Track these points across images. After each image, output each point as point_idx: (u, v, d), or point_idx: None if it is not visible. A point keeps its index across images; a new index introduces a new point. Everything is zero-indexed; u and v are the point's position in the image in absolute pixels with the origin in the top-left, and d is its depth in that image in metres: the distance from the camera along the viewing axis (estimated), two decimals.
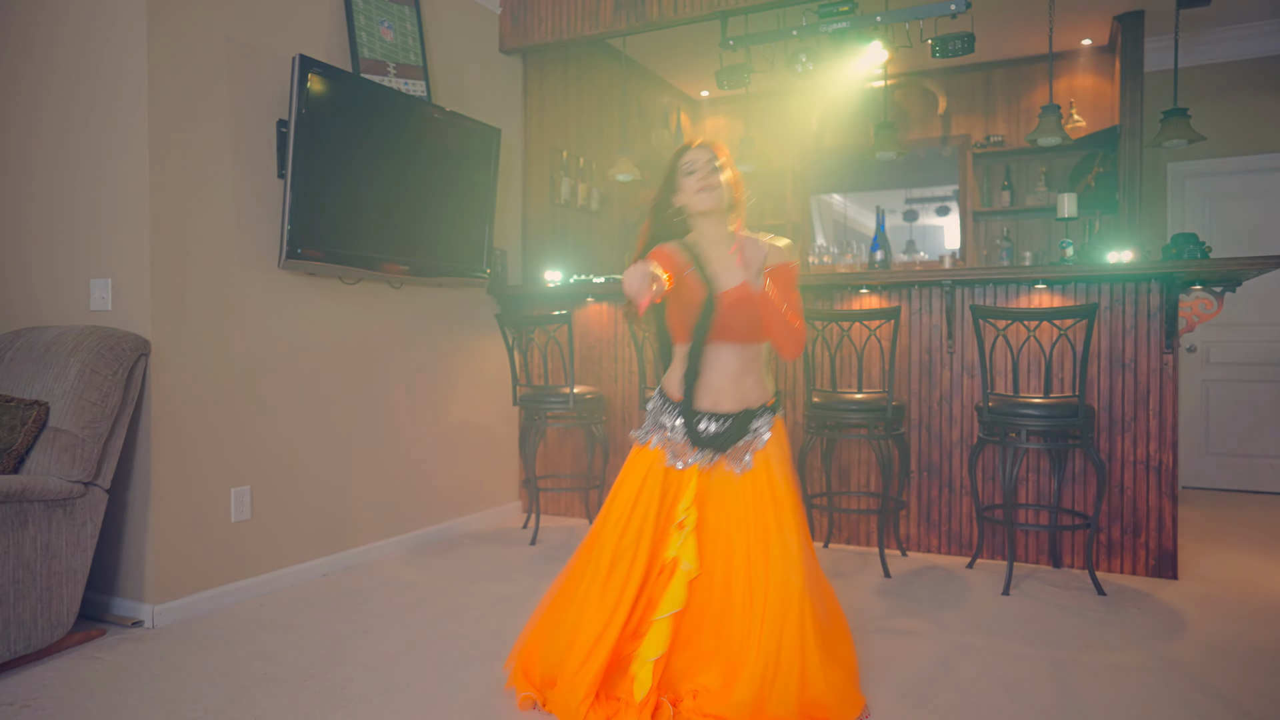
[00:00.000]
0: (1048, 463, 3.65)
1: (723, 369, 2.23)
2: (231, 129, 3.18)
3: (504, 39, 4.70)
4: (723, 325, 2.20)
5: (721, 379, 2.23)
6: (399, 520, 3.96)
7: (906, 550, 3.88)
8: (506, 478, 4.71)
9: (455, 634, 2.83)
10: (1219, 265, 3.22)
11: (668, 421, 2.26)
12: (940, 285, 3.77)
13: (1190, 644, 2.74)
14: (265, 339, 3.32)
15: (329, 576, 3.52)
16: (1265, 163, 5.35)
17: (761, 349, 2.28)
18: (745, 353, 2.23)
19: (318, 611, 3.07)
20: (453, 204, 4.09)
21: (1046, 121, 4.17)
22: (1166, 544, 3.47)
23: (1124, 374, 3.53)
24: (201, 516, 3.06)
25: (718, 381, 2.23)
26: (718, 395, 2.23)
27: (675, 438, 2.24)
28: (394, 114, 3.69)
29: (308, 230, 3.31)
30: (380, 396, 3.86)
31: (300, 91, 3.23)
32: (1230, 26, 5.33)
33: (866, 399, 3.50)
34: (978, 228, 6.13)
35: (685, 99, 6.89)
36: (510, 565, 3.70)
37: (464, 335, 4.40)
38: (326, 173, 3.38)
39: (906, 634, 2.82)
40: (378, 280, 3.83)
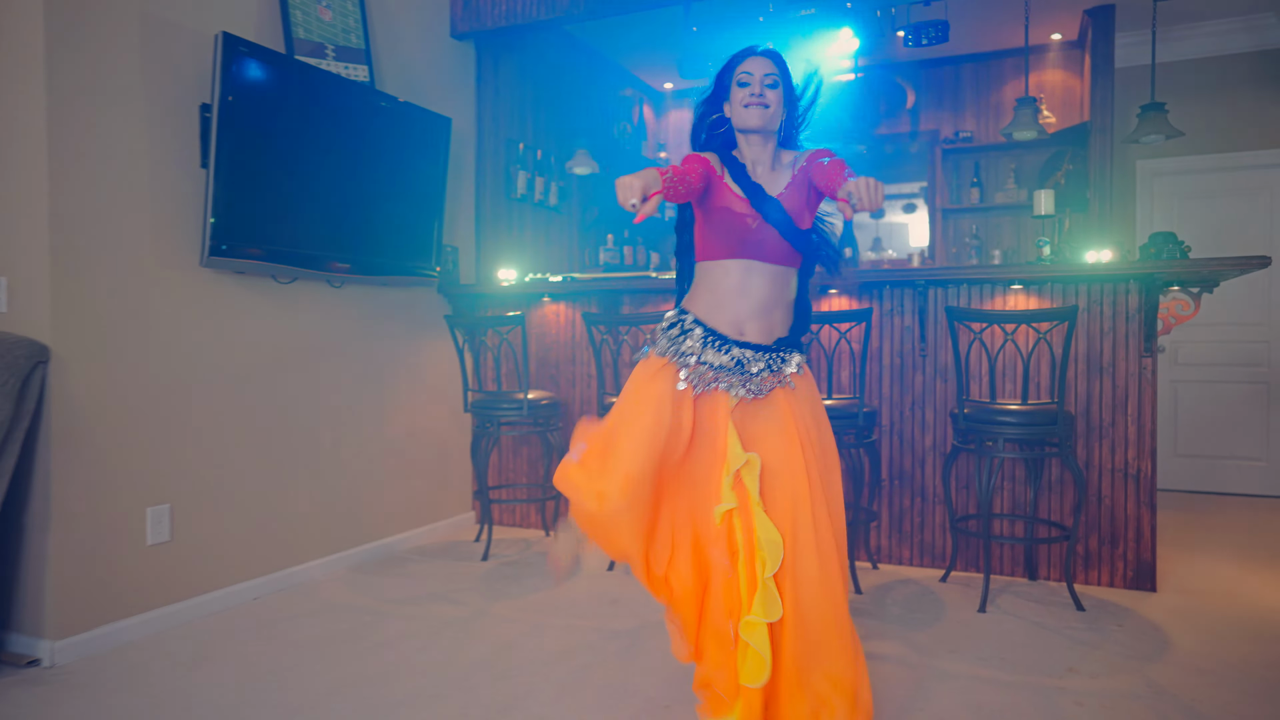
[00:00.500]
0: (1023, 471, 3.50)
1: (755, 293, 1.98)
2: (147, 114, 2.90)
3: (455, 23, 4.44)
4: (760, 243, 1.96)
5: (752, 304, 1.98)
6: (340, 537, 3.70)
7: (878, 563, 3.71)
8: (458, 488, 4.46)
9: (395, 667, 2.59)
10: (1200, 266, 3.09)
11: (695, 346, 1.97)
12: (913, 285, 3.60)
13: (1176, 666, 2.59)
14: (187, 343, 3.04)
15: (260, 600, 3.26)
16: (1233, 161, 5.28)
17: (793, 278, 2.05)
18: (780, 279, 2.00)
19: (243, 642, 2.81)
20: (399, 197, 3.83)
21: (1022, 114, 4.02)
22: (1145, 555, 3.34)
23: (1102, 378, 3.39)
24: (112, 540, 2.78)
25: (748, 306, 1.98)
26: (745, 323, 1.99)
27: (708, 363, 1.96)
28: (333, 100, 3.43)
29: (234, 225, 3.04)
30: (320, 404, 3.60)
31: (224, 73, 2.95)
32: (1200, 23, 5.24)
33: (836, 405, 3.32)
34: (947, 225, 6.00)
35: (649, 91, 6.67)
36: (459, 584, 3.46)
37: (412, 337, 4.14)
38: (256, 163, 3.11)
39: (880, 659, 2.64)
40: (316, 279, 3.56)
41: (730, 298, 1.98)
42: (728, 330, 1.98)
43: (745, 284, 1.97)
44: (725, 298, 1.99)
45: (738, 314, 1.98)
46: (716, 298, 2.00)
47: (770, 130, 2.01)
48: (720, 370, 1.95)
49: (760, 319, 1.99)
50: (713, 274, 2.01)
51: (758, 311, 1.98)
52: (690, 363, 1.96)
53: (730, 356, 1.95)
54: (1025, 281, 3.45)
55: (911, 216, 6.25)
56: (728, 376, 1.95)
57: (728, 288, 1.98)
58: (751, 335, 1.98)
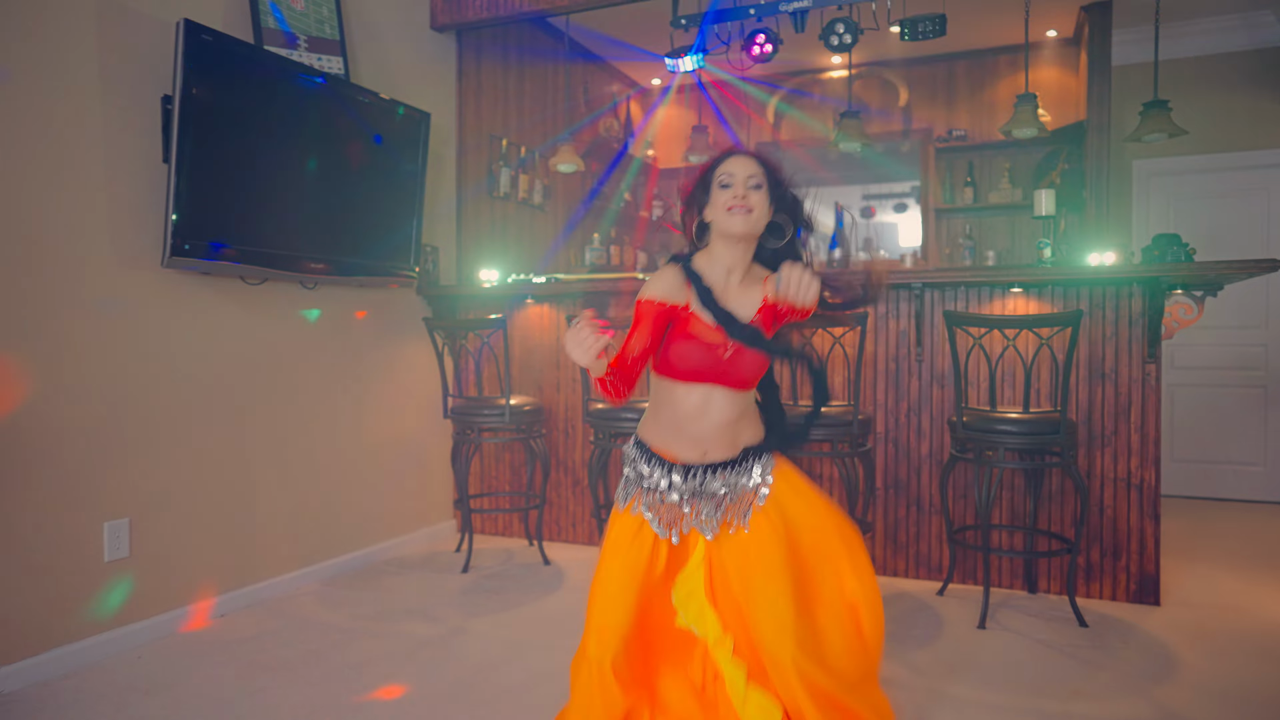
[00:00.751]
0: (1022, 480, 3.39)
1: (713, 418, 1.79)
2: (104, 105, 2.74)
3: (435, 14, 4.29)
4: (730, 370, 1.77)
5: (710, 429, 1.79)
6: (313, 549, 3.55)
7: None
8: (438, 497, 4.30)
9: (365, 692, 2.44)
10: (1207, 269, 2.98)
11: (649, 475, 1.82)
12: (909, 288, 3.48)
13: (1185, 687, 2.48)
14: (148, 348, 2.88)
15: (227, 617, 3.10)
16: (1231, 161, 5.19)
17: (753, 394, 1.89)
18: (741, 400, 1.82)
19: (205, 665, 2.65)
20: (376, 195, 3.67)
21: (1022, 111, 3.91)
22: (1148, 567, 3.23)
23: (1104, 385, 3.28)
24: (65, 557, 2.62)
25: (708, 432, 1.79)
26: (706, 444, 1.80)
27: (662, 499, 1.79)
28: (305, 93, 3.27)
29: (198, 223, 2.88)
30: (291, 411, 3.44)
31: (186, 63, 2.79)
32: (1197, 20, 5.15)
33: (829, 411, 3.19)
34: (940, 225, 5.89)
35: (636, 87, 6.53)
36: (437, 598, 3.32)
37: (389, 341, 3.99)
38: (222, 157, 2.95)
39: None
40: (288, 280, 3.40)
41: (690, 423, 1.79)
42: (690, 454, 1.79)
43: (707, 406, 1.78)
44: (684, 422, 1.79)
45: (698, 436, 1.79)
46: (675, 419, 1.80)
47: (754, 235, 1.81)
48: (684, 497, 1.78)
49: (723, 437, 1.79)
50: (674, 394, 1.81)
51: (720, 431, 1.79)
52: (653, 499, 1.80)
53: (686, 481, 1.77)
54: (1025, 285, 3.33)
55: (902, 216, 6.13)
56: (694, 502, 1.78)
57: (687, 410, 1.79)
58: (714, 455, 1.80)
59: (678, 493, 1.77)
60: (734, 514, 1.77)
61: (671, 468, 1.78)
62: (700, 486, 1.76)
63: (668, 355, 1.78)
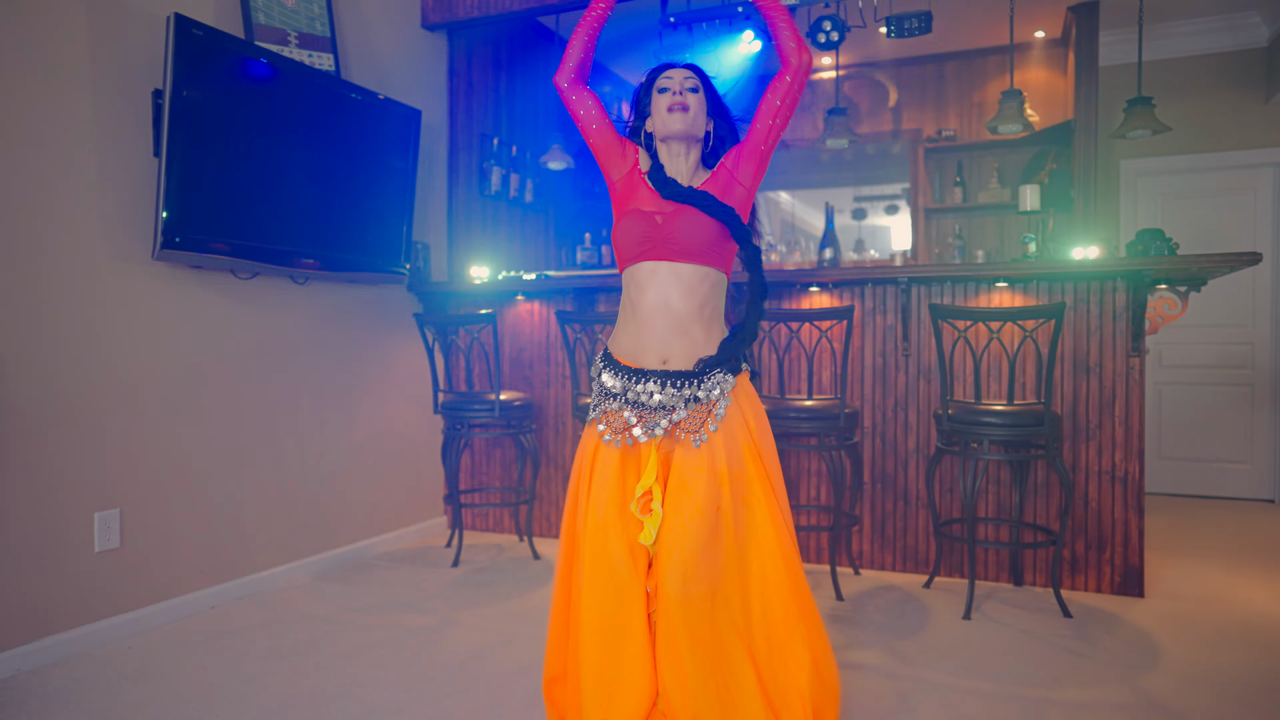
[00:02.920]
0: (1008, 474, 3.41)
1: (668, 308, 1.76)
2: (95, 99, 2.76)
3: (426, 12, 4.31)
4: (667, 237, 1.74)
5: (668, 324, 1.75)
6: (304, 543, 3.56)
7: (859, 568, 3.61)
8: (428, 492, 4.32)
9: (352, 682, 2.45)
10: (1188, 263, 3.01)
11: (609, 382, 1.81)
12: (896, 283, 3.51)
13: (1167, 675, 2.50)
14: (139, 340, 2.90)
15: (218, 609, 3.11)
16: (1217, 161, 5.23)
17: (719, 284, 1.82)
18: (698, 286, 1.76)
19: (195, 654, 2.66)
20: (366, 192, 3.69)
21: (1007, 108, 3.94)
22: (1133, 559, 3.26)
23: (1088, 378, 3.31)
24: (56, 546, 2.63)
25: (664, 328, 1.75)
26: (666, 347, 1.76)
27: (613, 405, 1.79)
28: (295, 89, 3.29)
29: (189, 217, 2.90)
30: (282, 405, 3.45)
31: (176, 57, 2.81)
32: (1183, 21, 5.20)
33: (817, 406, 3.22)
34: (929, 225, 5.92)
35: (627, 88, 6.55)
36: (427, 591, 3.33)
37: (380, 336, 4.00)
38: (212, 152, 2.97)
39: (863, 669, 2.54)
40: (278, 275, 3.42)
41: (648, 319, 1.77)
42: (650, 361, 1.78)
43: (661, 298, 1.76)
44: (643, 319, 1.78)
45: (657, 335, 1.77)
46: (635, 320, 1.80)
47: (695, 137, 1.85)
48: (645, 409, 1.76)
49: (681, 337, 1.77)
50: (628, 290, 1.83)
51: (677, 327, 1.76)
52: (610, 407, 1.80)
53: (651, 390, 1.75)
54: (1010, 279, 3.36)
55: (894, 218, 6.17)
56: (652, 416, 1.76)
57: (644, 307, 1.78)
58: (675, 362, 1.77)
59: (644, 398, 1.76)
60: (694, 425, 1.76)
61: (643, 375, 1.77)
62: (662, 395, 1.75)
63: (617, 239, 1.83)
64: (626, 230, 1.80)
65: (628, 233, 1.79)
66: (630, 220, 1.80)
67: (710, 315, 1.81)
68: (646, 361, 1.78)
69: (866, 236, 6.26)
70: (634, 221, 1.79)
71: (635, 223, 1.79)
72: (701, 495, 1.72)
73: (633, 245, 1.78)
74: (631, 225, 1.79)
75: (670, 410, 1.75)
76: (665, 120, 1.83)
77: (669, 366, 1.77)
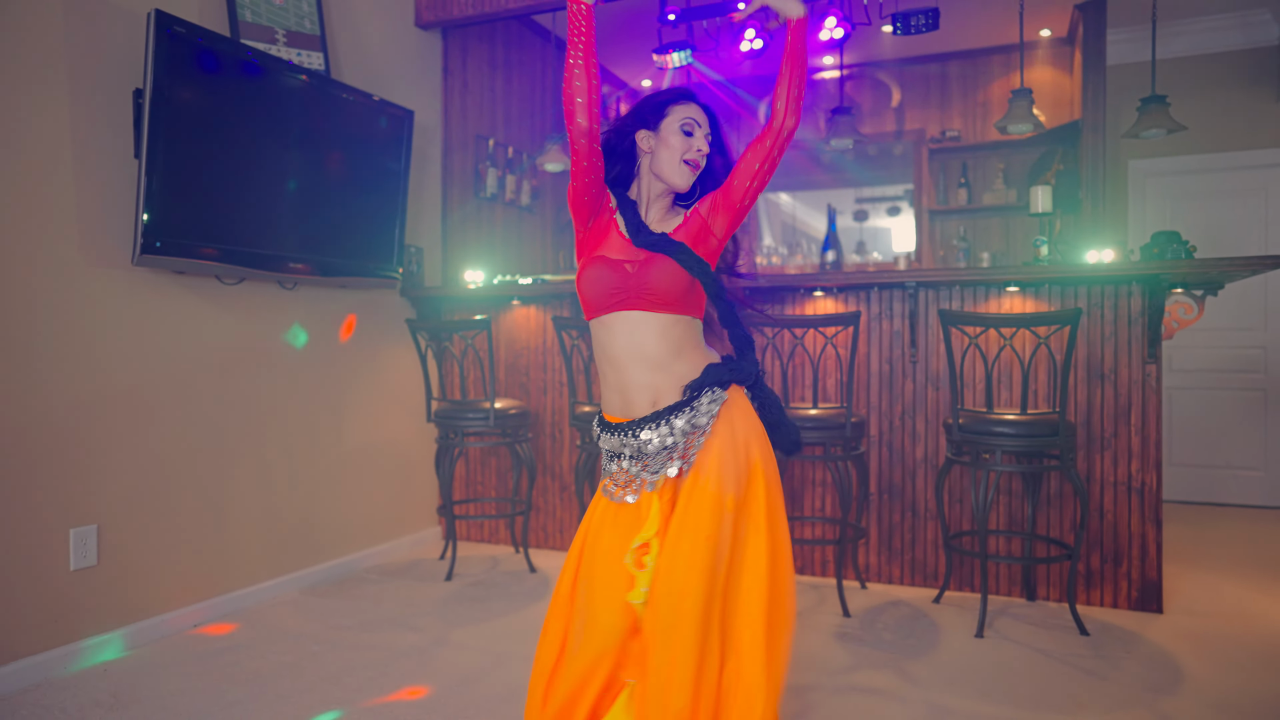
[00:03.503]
0: (1020, 484, 3.30)
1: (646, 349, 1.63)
2: (72, 98, 2.65)
3: (420, 12, 4.21)
4: (636, 284, 1.62)
5: (649, 363, 1.63)
6: (291, 557, 3.44)
7: (866, 582, 3.50)
8: (422, 502, 4.20)
9: (340, 705, 2.34)
10: (1207, 266, 2.91)
11: (607, 445, 1.70)
12: (903, 287, 3.40)
13: (1191, 699, 2.39)
14: (118, 348, 2.78)
15: (200, 628, 2.99)
16: (1227, 161, 5.12)
17: (693, 326, 1.69)
18: (668, 331, 1.64)
19: (173, 678, 2.55)
20: (357, 194, 3.58)
21: (1017, 107, 3.83)
22: (1150, 573, 3.14)
23: (1103, 386, 3.20)
24: (26, 565, 2.51)
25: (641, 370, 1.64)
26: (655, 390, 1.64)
27: (618, 465, 1.67)
28: (283, 88, 3.18)
29: (170, 221, 2.79)
30: (269, 414, 3.34)
31: (157, 55, 2.70)
32: (1192, 19, 5.09)
33: (822, 414, 3.11)
34: (933, 227, 5.82)
35: (625, 88, 6.45)
36: (419, 607, 3.22)
37: (371, 343, 3.89)
38: (195, 153, 2.86)
39: (871, 693, 2.42)
40: (266, 280, 3.31)
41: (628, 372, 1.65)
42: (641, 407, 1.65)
43: (634, 340, 1.64)
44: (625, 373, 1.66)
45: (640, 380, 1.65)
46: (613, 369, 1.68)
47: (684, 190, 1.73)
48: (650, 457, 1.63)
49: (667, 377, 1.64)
50: (599, 339, 1.70)
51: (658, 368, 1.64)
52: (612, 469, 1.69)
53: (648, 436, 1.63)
54: (1022, 283, 3.25)
55: (896, 220, 6.07)
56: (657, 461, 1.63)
57: (617, 355, 1.66)
58: (665, 400, 1.64)
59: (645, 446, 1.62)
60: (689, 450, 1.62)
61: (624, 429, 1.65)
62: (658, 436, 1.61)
63: (582, 290, 1.68)
64: (595, 279, 1.65)
65: (597, 282, 1.65)
66: (598, 269, 1.65)
67: (690, 348, 1.68)
68: (636, 410, 1.66)
69: (868, 238, 6.16)
70: (603, 270, 1.65)
71: (604, 272, 1.65)
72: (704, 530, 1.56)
73: (602, 295, 1.65)
74: (600, 274, 1.65)
75: (674, 448, 1.62)
76: (676, 168, 1.69)
77: (659, 406, 1.65)
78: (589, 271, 1.67)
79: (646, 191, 1.73)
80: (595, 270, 1.66)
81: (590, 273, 1.66)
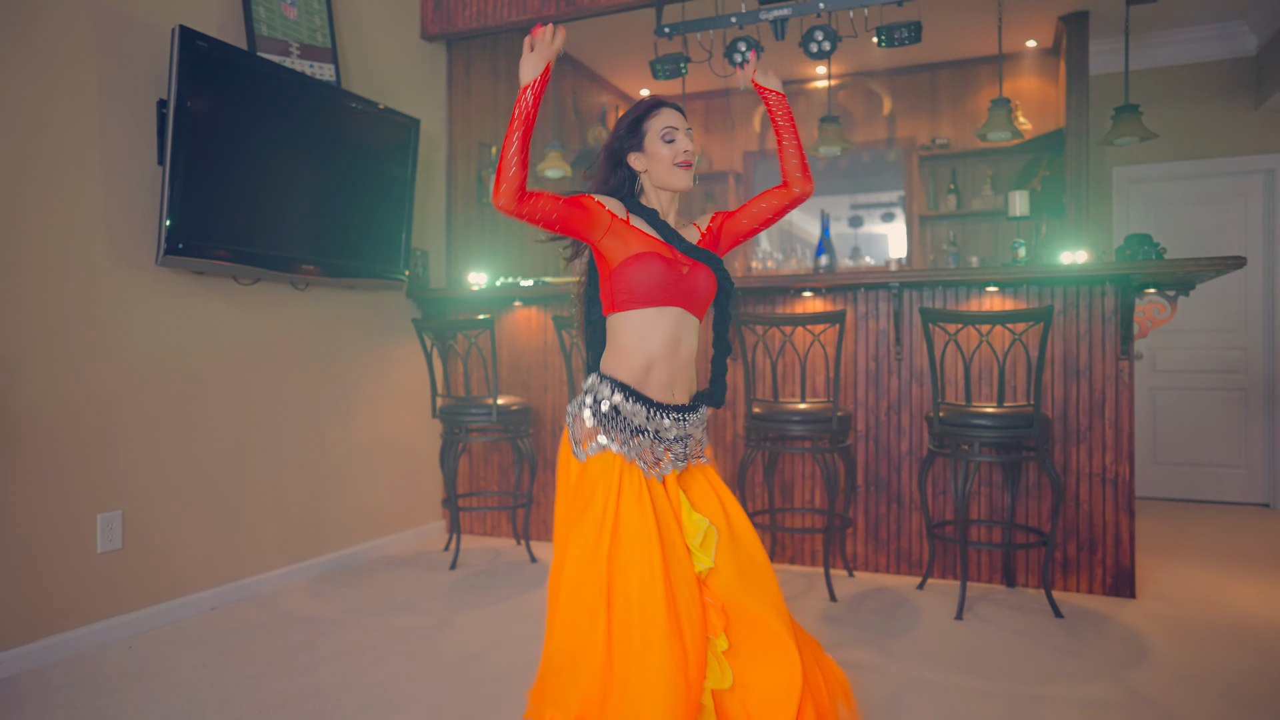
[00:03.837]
0: (1000, 476, 3.45)
1: (681, 347, 1.79)
2: (101, 109, 2.81)
3: (425, 25, 4.38)
4: (691, 289, 1.79)
5: (679, 362, 1.80)
6: (303, 546, 3.59)
7: (854, 570, 3.64)
8: (427, 496, 4.36)
9: (349, 680, 2.49)
10: (1175, 266, 3.06)
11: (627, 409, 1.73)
12: (888, 288, 3.55)
13: (1156, 672, 2.53)
14: (142, 344, 2.94)
15: (217, 610, 3.15)
16: (1208, 168, 5.28)
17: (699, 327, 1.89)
18: (696, 330, 1.84)
19: (195, 654, 2.70)
20: (366, 199, 3.75)
21: (996, 115, 4.00)
22: (1124, 561, 3.29)
23: (1078, 381, 3.35)
24: (59, 547, 2.67)
25: (676, 365, 1.79)
26: (675, 382, 1.80)
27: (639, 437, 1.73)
28: (297, 98, 3.35)
29: (192, 224, 2.95)
30: (281, 409, 3.50)
31: (181, 68, 2.87)
32: (1173, 31, 5.26)
33: (810, 409, 3.26)
34: (924, 232, 5.98)
35: (624, 97, 6.62)
36: (424, 593, 3.37)
37: (379, 342, 4.05)
38: (215, 160, 3.03)
39: (854, 667, 2.57)
40: (279, 281, 3.47)
41: (663, 353, 1.77)
42: (660, 394, 1.78)
43: (678, 336, 1.78)
44: (657, 352, 1.77)
45: (669, 370, 1.78)
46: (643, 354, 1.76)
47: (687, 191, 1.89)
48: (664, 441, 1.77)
49: (685, 374, 1.82)
50: (636, 326, 1.76)
51: (685, 366, 1.82)
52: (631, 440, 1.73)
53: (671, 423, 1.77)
54: (1000, 284, 3.41)
55: (890, 226, 6.22)
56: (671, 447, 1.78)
57: (660, 343, 1.77)
58: (679, 396, 1.81)
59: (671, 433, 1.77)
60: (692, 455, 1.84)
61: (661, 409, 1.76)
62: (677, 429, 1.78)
63: (627, 280, 1.75)
64: (649, 271, 1.75)
65: (651, 274, 1.75)
66: (654, 263, 1.76)
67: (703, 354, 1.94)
68: (658, 394, 1.78)
69: (863, 244, 6.31)
70: (659, 265, 1.76)
71: (660, 267, 1.76)
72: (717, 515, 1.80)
73: (655, 289, 1.76)
74: (656, 268, 1.76)
75: (679, 442, 1.80)
76: (671, 174, 1.82)
77: (674, 402, 1.79)
78: (643, 263, 1.75)
79: (658, 201, 1.87)
80: (651, 264, 1.75)
81: (644, 265, 1.75)
